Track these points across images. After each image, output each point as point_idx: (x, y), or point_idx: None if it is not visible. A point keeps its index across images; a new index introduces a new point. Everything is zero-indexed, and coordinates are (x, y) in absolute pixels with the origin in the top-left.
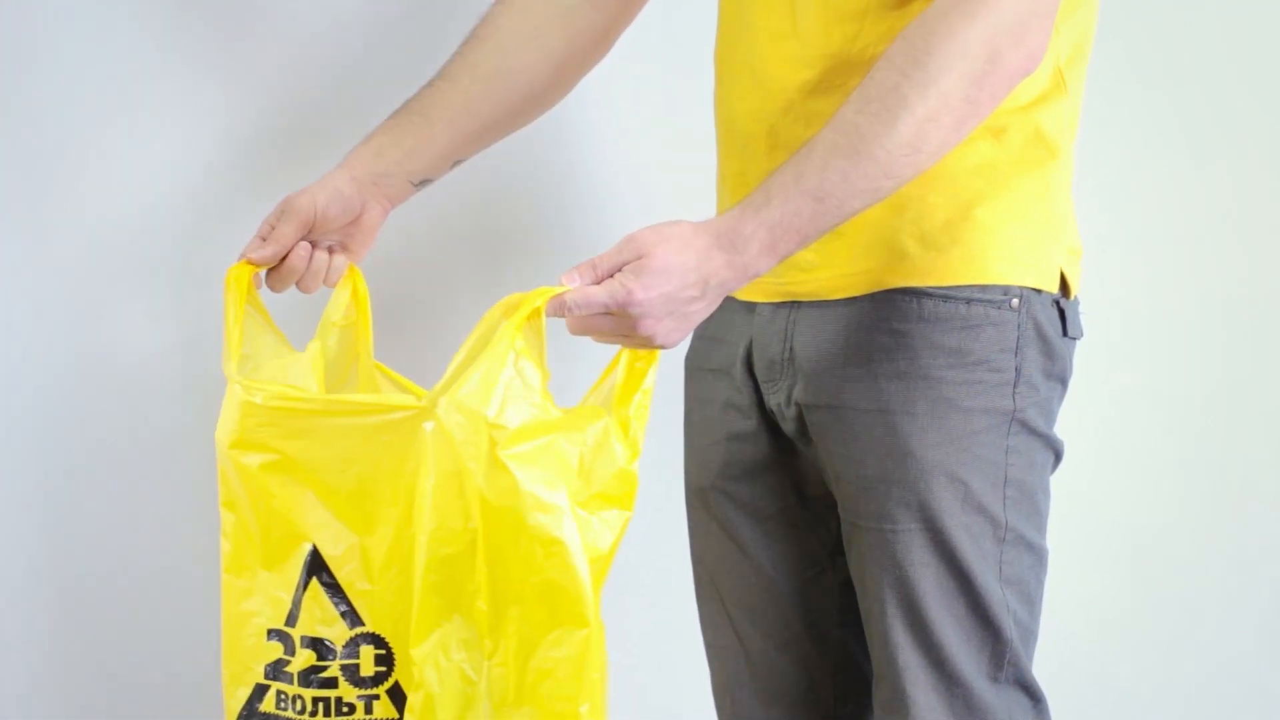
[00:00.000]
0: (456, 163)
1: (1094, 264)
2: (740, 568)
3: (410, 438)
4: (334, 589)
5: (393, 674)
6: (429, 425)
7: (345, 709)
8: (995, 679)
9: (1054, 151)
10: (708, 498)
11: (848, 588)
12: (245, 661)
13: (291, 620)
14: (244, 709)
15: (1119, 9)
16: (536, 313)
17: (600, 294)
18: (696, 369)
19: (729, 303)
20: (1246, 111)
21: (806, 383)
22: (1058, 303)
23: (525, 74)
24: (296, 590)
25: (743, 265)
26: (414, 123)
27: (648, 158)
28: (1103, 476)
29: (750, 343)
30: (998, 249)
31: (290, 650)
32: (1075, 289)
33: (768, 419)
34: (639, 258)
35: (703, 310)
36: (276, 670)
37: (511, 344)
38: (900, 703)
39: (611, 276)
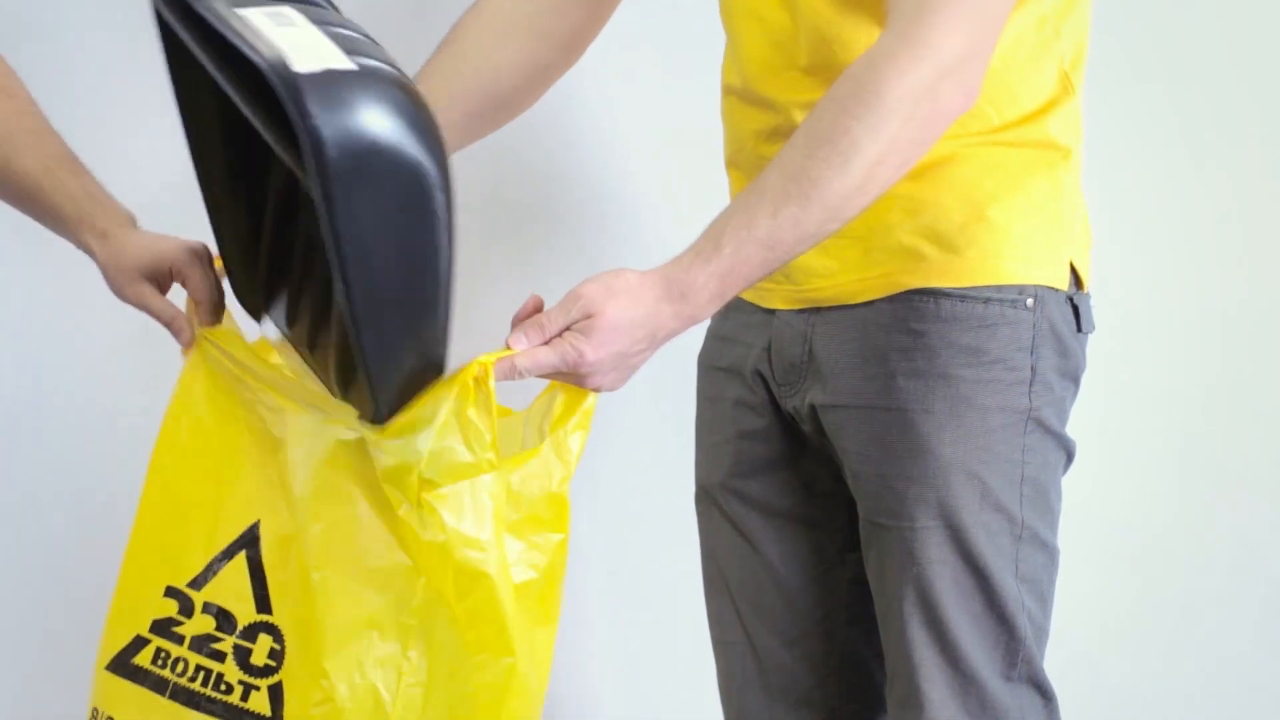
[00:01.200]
0: None
1: (1094, 264)
2: (750, 564)
3: (352, 454)
4: (257, 568)
5: (279, 673)
6: (373, 452)
7: (224, 688)
8: (1009, 677)
9: (1065, 152)
10: (717, 494)
11: (857, 585)
12: (134, 610)
13: (198, 583)
14: (116, 657)
15: (1118, 8)
16: (484, 378)
17: (550, 356)
18: (708, 367)
19: (745, 305)
20: (1246, 111)
21: (825, 384)
22: (1071, 299)
23: (491, 77)
24: (218, 557)
25: (690, 315)
26: None
27: (647, 159)
28: (1103, 476)
29: (769, 345)
30: (1012, 249)
31: (187, 611)
32: (1087, 283)
33: (780, 417)
34: (587, 316)
35: (647, 357)
36: (164, 628)
37: (458, 412)
38: (915, 699)
39: (560, 335)
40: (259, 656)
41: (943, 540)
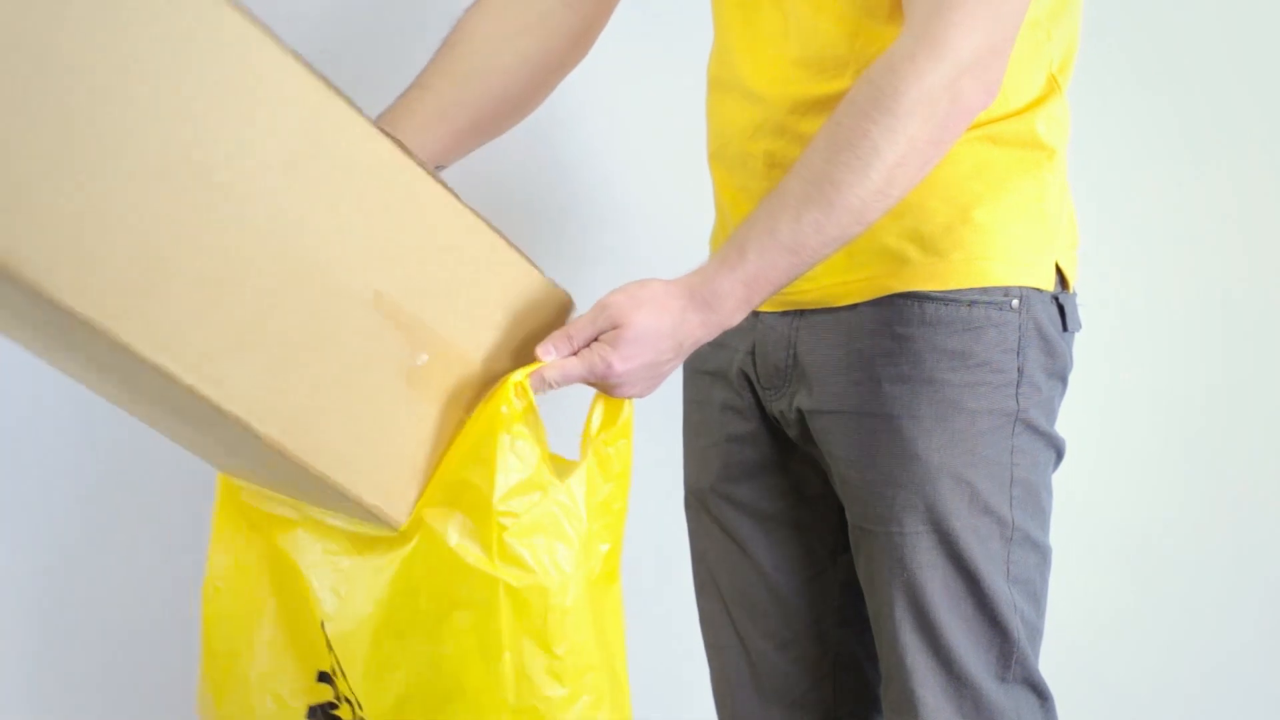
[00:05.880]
0: (436, 169)
1: (1092, 263)
2: (741, 567)
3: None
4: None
5: None
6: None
7: None
8: (1003, 679)
9: (1050, 152)
10: (706, 499)
11: (848, 587)
12: (295, 695)
13: (334, 673)
14: None
15: (1114, 8)
16: (523, 393)
17: (579, 368)
18: (694, 371)
19: None
20: (1244, 110)
21: (810, 389)
22: (1057, 299)
23: (501, 78)
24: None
25: (717, 323)
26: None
27: (648, 162)
28: (1101, 475)
29: (753, 349)
30: (997, 251)
31: (339, 697)
32: (1073, 282)
33: (767, 420)
34: (615, 327)
35: (675, 366)
36: (325, 713)
37: (510, 440)
38: (909, 703)
39: (588, 346)
40: None
41: (932, 545)
